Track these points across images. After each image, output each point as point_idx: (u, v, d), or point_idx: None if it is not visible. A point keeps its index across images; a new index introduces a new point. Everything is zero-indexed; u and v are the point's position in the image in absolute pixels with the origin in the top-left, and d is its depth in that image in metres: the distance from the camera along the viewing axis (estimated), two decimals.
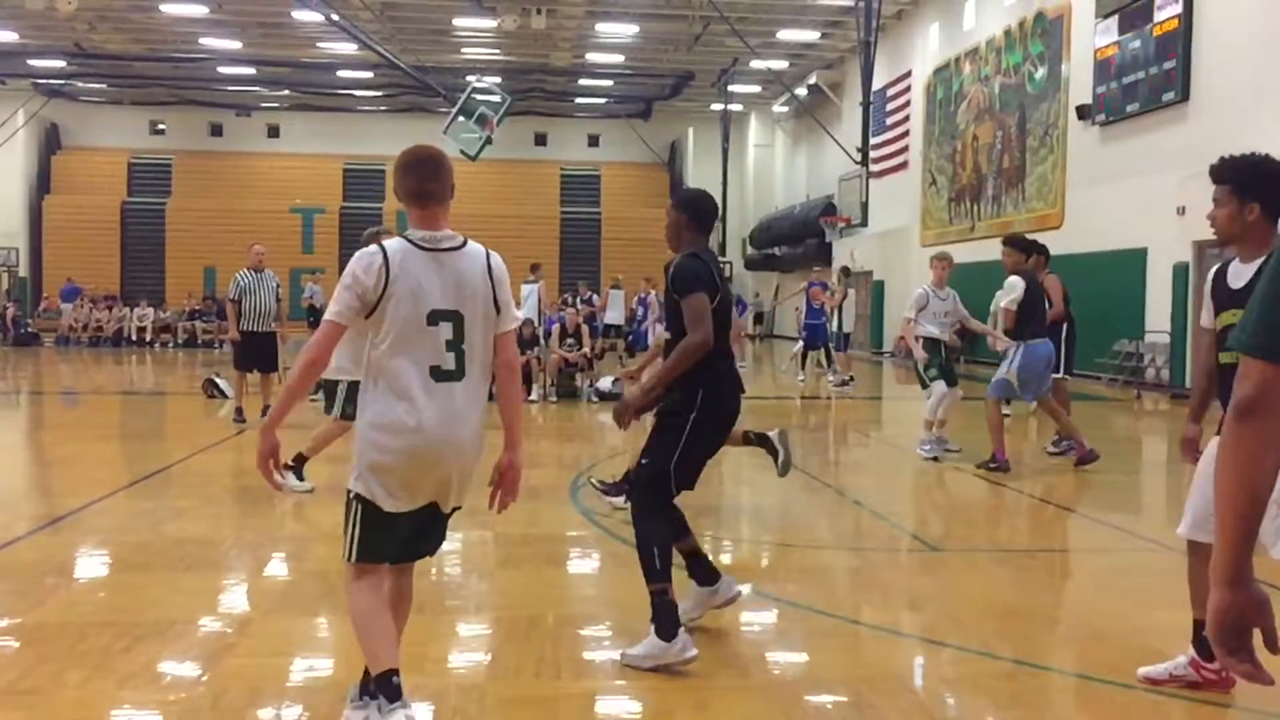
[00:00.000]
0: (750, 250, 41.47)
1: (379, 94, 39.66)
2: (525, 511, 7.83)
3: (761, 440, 7.07)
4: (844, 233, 31.78)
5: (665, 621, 4.32)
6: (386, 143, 41.72)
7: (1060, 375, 11.07)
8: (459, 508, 3.72)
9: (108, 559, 6.57)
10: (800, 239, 36.03)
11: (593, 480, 8.13)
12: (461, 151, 30.79)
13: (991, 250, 20.89)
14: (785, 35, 32.57)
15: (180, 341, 32.37)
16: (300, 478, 8.46)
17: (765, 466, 10.76)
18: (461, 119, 30.16)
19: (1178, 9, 17.95)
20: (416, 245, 3.53)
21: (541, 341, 16.16)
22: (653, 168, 44.54)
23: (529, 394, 15.77)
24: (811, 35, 32.72)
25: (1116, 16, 19.80)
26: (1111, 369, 18.62)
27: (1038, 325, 9.53)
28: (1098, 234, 19.69)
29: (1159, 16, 18.49)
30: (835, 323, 20.44)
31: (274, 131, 42.92)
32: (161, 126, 42.37)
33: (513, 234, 39.23)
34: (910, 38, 30.34)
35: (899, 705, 4.15)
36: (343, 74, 37.27)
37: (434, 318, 3.49)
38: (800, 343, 20.38)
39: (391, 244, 3.53)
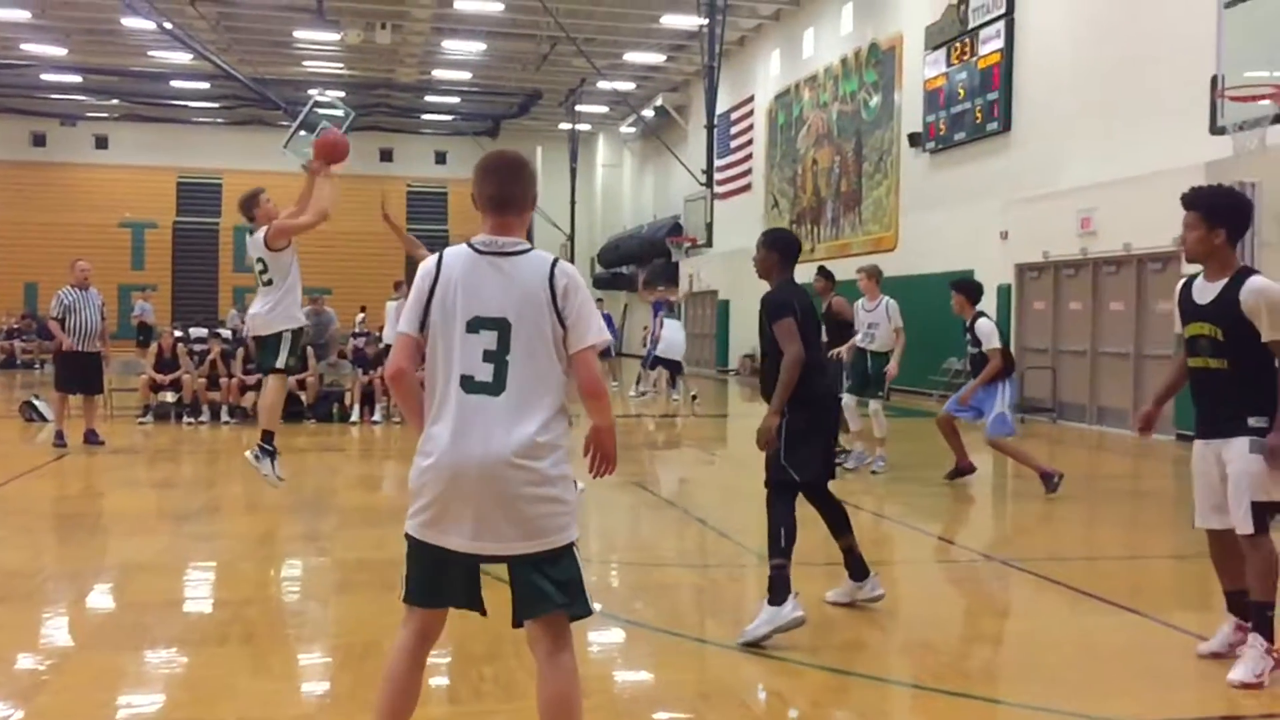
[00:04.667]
0: (599, 269, 41.69)
1: (215, 105, 38.35)
2: (369, 536, 7.68)
3: None
4: (690, 252, 32.27)
5: (777, 592, 5.12)
6: (223, 155, 40.56)
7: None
8: (539, 557, 3.16)
9: None
10: (648, 258, 36.42)
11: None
12: (303, 166, 29.99)
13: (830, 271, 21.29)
14: (632, 57, 32.96)
15: None
16: (273, 460, 8.36)
17: (612, 485, 10.82)
18: (303, 133, 29.27)
19: (1000, 44, 18.92)
20: (473, 248, 3.27)
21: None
22: None
23: (372, 414, 15.48)
24: (657, 58, 33.20)
25: (944, 49, 20.74)
26: (942, 385, 19.39)
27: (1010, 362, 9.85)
28: (929, 256, 20.53)
29: (982, 50, 19.45)
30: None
31: (102, 142, 41.04)
32: None
33: (358, 252, 38.47)
34: (752, 63, 31.10)
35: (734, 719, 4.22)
36: (177, 84, 35.89)
37: (475, 325, 3.16)
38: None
39: (451, 248, 3.33)
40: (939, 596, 6.48)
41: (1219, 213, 4.60)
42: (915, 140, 21.94)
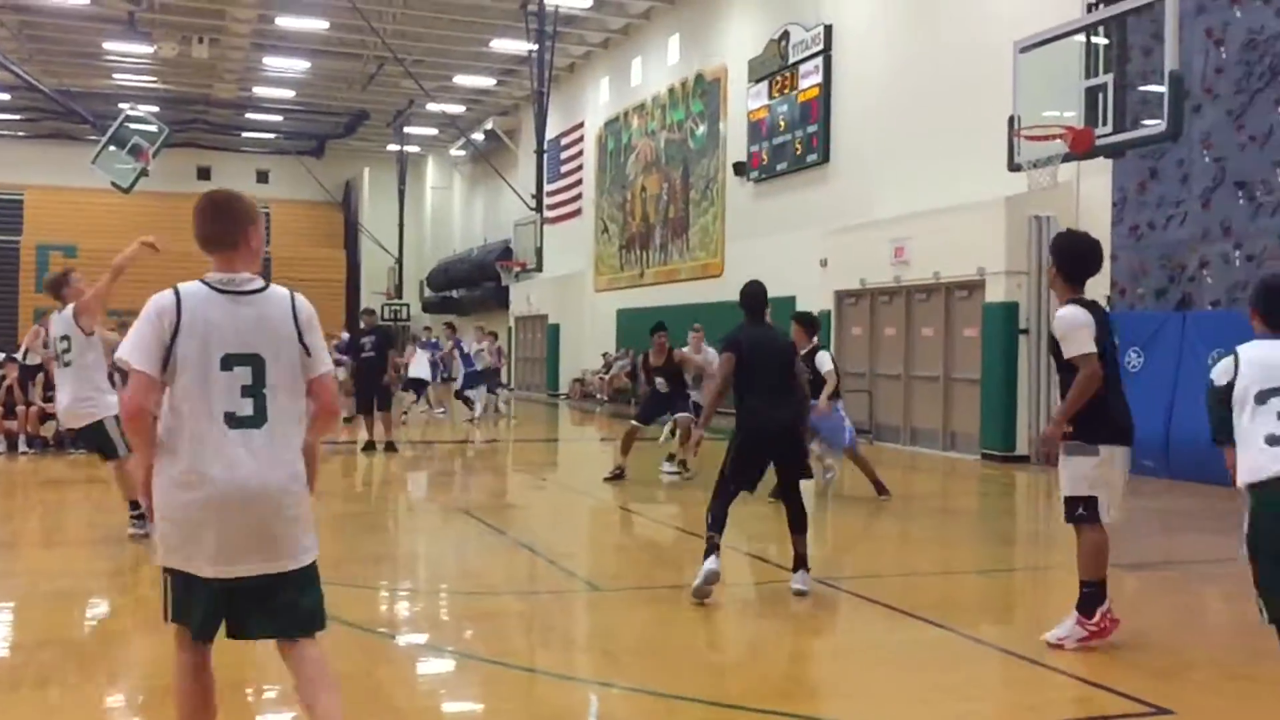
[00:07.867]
0: (428, 292, 41.15)
1: (17, 117, 36.30)
2: None
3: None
4: (520, 277, 32.21)
5: (707, 552, 6.39)
6: (25, 170, 38.43)
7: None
8: (304, 571, 3.40)
9: None
10: (478, 282, 36.19)
11: None
12: (113, 183, 28.68)
13: (659, 296, 21.81)
14: (461, 80, 32.77)
15: None
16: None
17: (438, 512, 10.68)
18: (113, 148, 28.00)
19: (818, 78, 19.64)
20: (211, 287, 3.37)
21: None
22: (327, 206, 43.38)
23: None
24: (487, 82, 33.11)
25: (766, 82, 21.39)
26: None
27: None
28: None
29: (802, 84, 20.15)
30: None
31: None
32: None
33: (174, 271, 36.79)
34: (582, 90, 31.36)
35: None
36: None
37: (228, 362, 3.27)
38: (481, 389, 20.95)
39: (186, 285, 3.37)
40: (759, 616, 6.62)
41: (1057, 254, 5.59)
42: (740, 169, 22.51)
